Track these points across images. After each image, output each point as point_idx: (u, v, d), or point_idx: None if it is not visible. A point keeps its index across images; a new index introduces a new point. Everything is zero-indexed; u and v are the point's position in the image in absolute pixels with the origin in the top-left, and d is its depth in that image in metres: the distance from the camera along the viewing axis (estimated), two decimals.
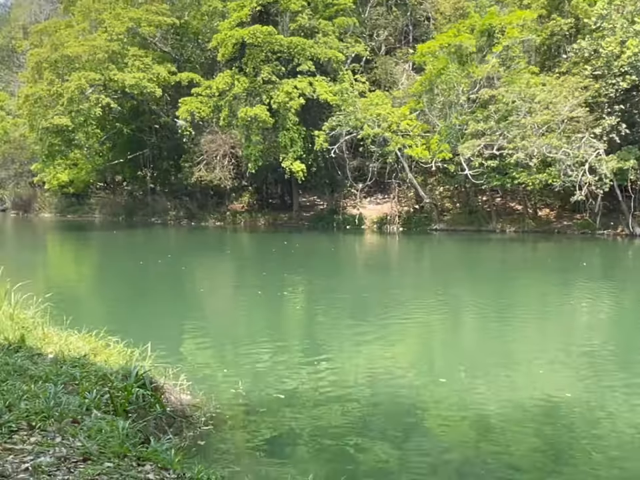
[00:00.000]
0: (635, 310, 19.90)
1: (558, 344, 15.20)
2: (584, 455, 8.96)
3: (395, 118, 43.99)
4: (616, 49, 39.00)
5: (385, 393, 11.34)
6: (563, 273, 27.10)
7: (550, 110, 39.70)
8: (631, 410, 10.54)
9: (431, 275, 28.75)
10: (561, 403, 10.80)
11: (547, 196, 43.73)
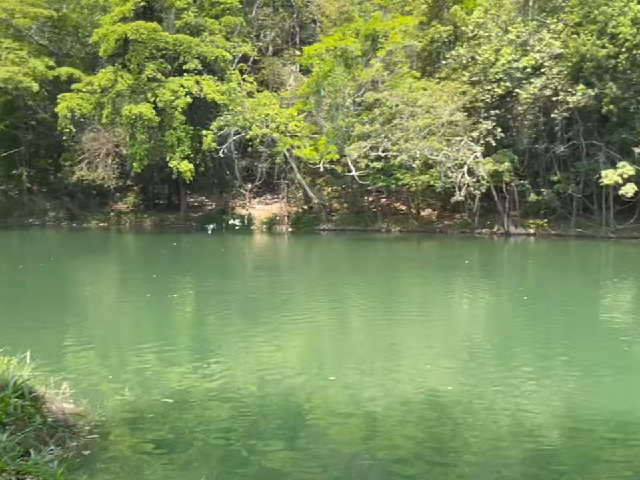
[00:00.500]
0: (511, 305, 21.09)
1: (442, 339, 15.86)
2: (465, 444, 9.41)
3: (283, 119, 44.23)
4: (491, 56, 41.15)
5: (275, 393, 11.39)
6: (447, 271, 28.26)
7: (431, 114, 41.30)
8: (507, 399, 11.17)
9: (319, 275, 29.12)
10: (444, 396, 11.27)
11: (429, 197, 45.45)
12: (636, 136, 37.60)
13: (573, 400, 11.15)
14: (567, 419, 10.20)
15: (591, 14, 38.48)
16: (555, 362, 13.64)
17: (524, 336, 16.21)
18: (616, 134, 38.67)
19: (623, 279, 26.64)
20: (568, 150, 40.46)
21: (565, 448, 9.27)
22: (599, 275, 28.57)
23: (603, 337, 15.93)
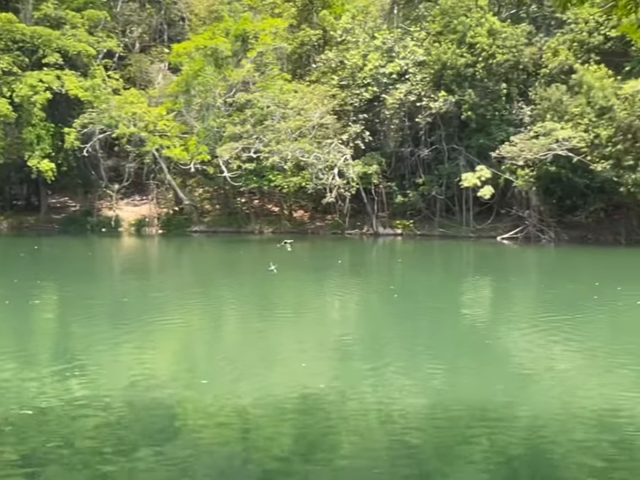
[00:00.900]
0: (382, 303, 21.70)
1: (316, 339, 16.02)
2: (338, 440, 9.54)
3: (151, 117, 43.03)
4: (359, 61, 42.27)
5: (145, 400, 10.98)
6: (319, 271, 28.65)
7: (302, 116, 41.78)
8: (377, 395, 11.45)
9: (192, 277, 28.58)
10: (317, 395, 11.37)
11: (302, 198, 45.92)
12: (492, 141, 39.96)
13: (440, 394, 11.59)
14: (435, 413, 10.57)
15: (451, 24, 40.49)
16: (423, 357, 14.16)
17: (394, 333, 16.74)
18: (474, 139, 40.94)
19: (482, 276, 28.23)
20: (431, 154, 42.33)
21: (432, 441, 9.61)
22: (461, 273, 30.11)
23: (466, 332, 16.75)
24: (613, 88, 36.03)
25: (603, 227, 39.51)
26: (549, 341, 15.54)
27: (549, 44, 40.08)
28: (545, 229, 39.73)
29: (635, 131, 35.15)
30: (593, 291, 22.15)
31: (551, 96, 37.86)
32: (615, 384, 12.03)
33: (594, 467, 8.60)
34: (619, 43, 37.54)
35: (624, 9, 5.95)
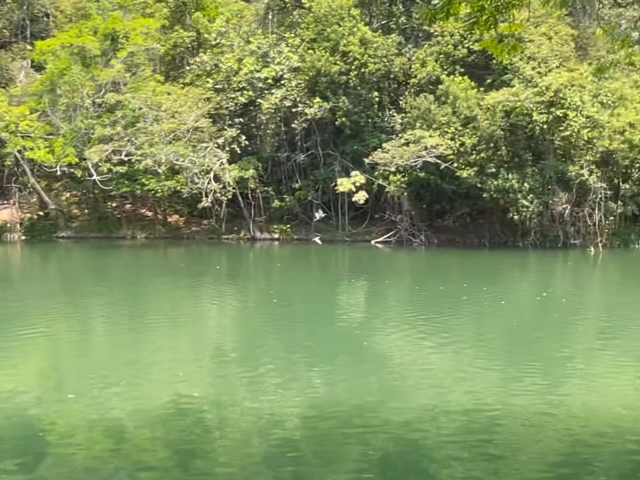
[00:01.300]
0: (260, 308, 21.55)
1: (191, 347, 15.62)
2: (214, 445, 9.32)
3: (12, 117, 40.49)
4: (234, 65, 42.00)
5: (3, 418, 10.19)
6: (196, 277, 28.04)
7: (176, 119, 40.87)
8: (252, 398, 11.30)
9: (58, 286, 27.08)
10: (193, 404, 11.07)
11: (176, 202, 44.84)
12: (366, 147, 40.99)
13: (317, 397, 11.64)
14: (312, 416, 10.59)
15: (324, 32, 41.15)
16: (300, 361, 14.16)
17: (271, 338, 16.64)
18: (349, 145, 41.82)
19: (358, 279, 28.82)
20: (307, 159, 42.78)
21: (310, 444, 9.60)
22: (338, 277, 30.58)
23: (343, 335, 16.96)
24: (476, 99, 38.04)
25: (469, 231, 41.58)
26: (422, 340, 16.06)
27: (417, 55, 41.72)
28: (416, 233, 41.22)
29: (497, 140, 37.27)
30: (462, 292, 23.19)
31: (420, 105, 39.39)
32: (481, 379, 12.59)
33: (461, 457, 8.92)
34: (481, 56, 39.71)
35: (484, 25, 6.26)
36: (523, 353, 14.69)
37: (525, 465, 8.78)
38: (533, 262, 35.89)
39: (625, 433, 9.79)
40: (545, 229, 38.93)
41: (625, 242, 39.58)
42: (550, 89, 35.78)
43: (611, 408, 10.88)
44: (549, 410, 10.71)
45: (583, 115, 36.26)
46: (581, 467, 8.72)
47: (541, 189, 37.49)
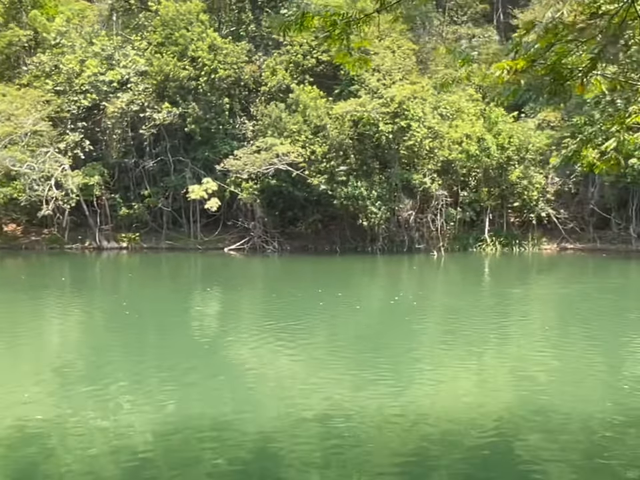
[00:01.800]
0: (109, 321, 20.55)
1: (34, 365, 14.55)
2: (58, 470, 8.73)
3: None
4: (76, 66, 39.99)
5: None
6: (38, 290, 26.23)
7: (12, 122, 38.19)
8: (101, 416, 10.72)
9: None
10: (37, 427, 10.31)
11: (13, 210, 41.76)
12: (217, 154, 40.60)
13: (170, 411, 11.26)
14: (165, 431, 10.22)
15: (172, 36, 40.30)
16: (152, 375, 13.65)
17: (122, 352, 15.91)
18: (200, 152, 41.21)
19: (212, 288, 28.39)
20: (157, 165, 41.62)
21: (162, 459, 9.27)
22: (191, 286, 29.95)
23: (197, 346, 16.57)
24: (325, 108, 38.94)
25: (321, 237, 42.43)
26: (278, 348, 16.07)
27: (267, 63, 42.01)
28: (269, 240, 41.41)
29: (346, 149, 38.37)
30: (318, 298, 23.54)
31: (271, 113, 39.68)
32: (337, 385, 12.80)
33: (317, 463, 9.01)
34: (329, 66, 40.75)
35: (337, 39, 6.39)
36: (377, 357, 15.13)
37: (378, 466, 8.99)
38: (383, 266, 37.28)
39: (472, 428, 10.34)
40: (392, 234, 40.59)
41: (464, 246, 42.22)
42: (394, 100, 37.41)
43: (458, 405, 11.46)
44: (401, 411, 11.08)
45: (425, 126, 38.28)
46: (431, 463, 9.09)
47: (388, 196, 39.07)
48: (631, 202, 42.29)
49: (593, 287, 27.54)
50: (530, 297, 26.00)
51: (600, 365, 14.40)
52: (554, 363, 14.58)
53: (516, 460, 9.20)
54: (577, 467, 8.95)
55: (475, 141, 40.32)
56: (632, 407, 11.32)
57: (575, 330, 18.45)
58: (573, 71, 6.76)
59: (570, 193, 43.76)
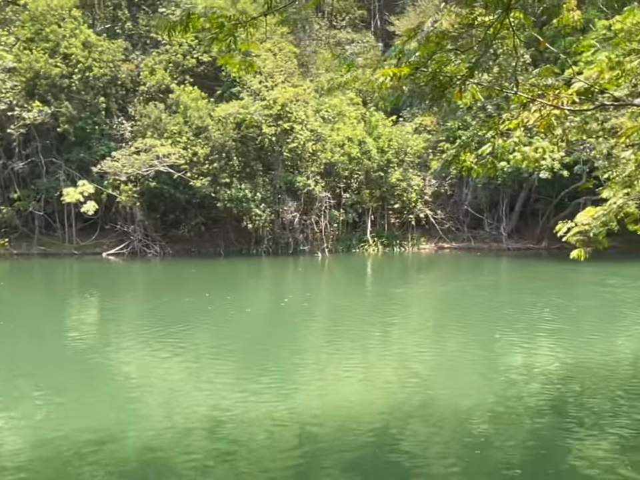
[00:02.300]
0: None
1: None
2: None
3: None
4: None
5: None
6: None
7: None
8: None
9: None
10: None
11: None
12: (93, 156, 39.01)
13: (45, 426, 10.62)
14: (41, 446, 9.65)
15: (42, 31, 38.32)
16: (26, 389, 12.85)
17: None
18: (75, 153, 39.41)
19: (90, 295, 27.20)
20: (27, 167, 39.37)
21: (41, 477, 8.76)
22: (67, 293, 28.53)
23: (76, 356, 15.79)
24: (207, 109, 38.41)
25: (205, 240, 41.80)
26: (165, 355, 15.61)
27: (145, 62, 40.88)
28: (151, 244, 40.30)
29: (229, 151, 38.02)
30: (206, 302, 23.14)
31: (151, 113, 38.64)
32: (225, 391, 12.61)
33: (205, 471, 8.83)
34: (210, 67, 40.25)
35: (224, 41, 6.29)
36: (266, 361, 15.04)
37: (270, 471, 8.94)
38: (268, 268, 37.25)
39: (360, 426, 10.51)
40: (276, 236, 40.67)
41: (348, 247, 43.05)
42: (277, 102, 37.52)
43: (346, 405, 11.61)
44: (290, 414, 11.07)
45: (308, 129, 38.66)
46: (322, 464, 9.14)
47: (272, 198, 39.13)
48: (501, 203, 44.78)
49: (469, 285, 28.89)
50: (411, 296, 26.88)
51: (478, 358, 15.09)
52: (436, 359, 15.12)
53: (402, 455, 9.44)
54: (459, 458, 9.31)
55: (356, 143, 41.23)
56: (508, 396, 11.94)
57: (454, 326, 19.25)
58: (452, 78, 7.01)
59: (446, 194, 45.74)
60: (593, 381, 12.99)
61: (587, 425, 10.47)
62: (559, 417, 11.00)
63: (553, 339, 16.85)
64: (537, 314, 20.49)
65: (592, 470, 8.83)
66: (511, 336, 17.36)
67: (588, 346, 15.79)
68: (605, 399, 11.84)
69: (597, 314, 20.61)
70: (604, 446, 9.59)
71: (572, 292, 26.09)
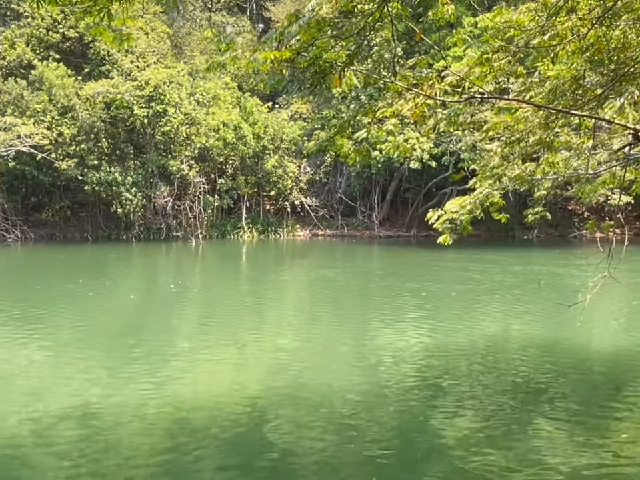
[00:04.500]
0: None
1: None
2: None
3: None
4: None
5: None
6: None
7: None
8: None
9: None
10: None
11: None
12: None
13: None
14: None
15: None
16: None
17: None
18: None
19: None
20: None
21: None
22: None
23: None
24: (74, 87, 36.51)
25: (70, 225, 39.88)
26: (12, 345, 14.72)
27: (5, 35, 38.22)
28: (10, 228, 37.91)
29: (98, 132, 36.39)
30: (84, 289, 22.14)
31: (11, 90, 36.20)
32: (96, 380, 12.12)
33: (70, 468, 8.44)
34: (77, 43, 38.27)
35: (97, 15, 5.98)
36: (135, 350, 14.56)
37: (143, 466, 8.68)
38: (139, 255, 36.08)
39: (233, 413, 10.44)
40: (148, 221, 39.55)
41: (222, 233, 42.63)
42: (149, 84, 36.33)
43: (218, 392, 11.49)
44: (162, 405, 10.80)
45: (182, 112, 37.76)
46: (196, 453, 8.98)
47: (144, 182, 37.96)
48: (373, 191, 46.06)
49: (341, 271, 29.49)
50: (285, 282, 27.04)
51: (350, 343, 15.44)
52: (308, 344, 15.31)
53: (276, 439, 9.47)
54: (331, 442, 9.46)
55: (231, 128, 40.78)
56: (378, 379, 12.31)
57: (326, 312, 19.58)
58: (332, 65, 7.05)
59: (321, 182, 46.41)
60: (455, 361, 13.67)
61: (450, 404, 11.00)
62: (427, 397, 11.49)
63: (420, 323, 17.56)
64: (406, 299, 21.28)
65: (457, 450, 9.27)
66: (381, 321, 17.91)
67: (452, 329, 16.60)
68: (467, 378, 12.49)
69: (462, 298, 21.70)
70: (466, 424, 10.11)
71: (439, 278, 27.30)
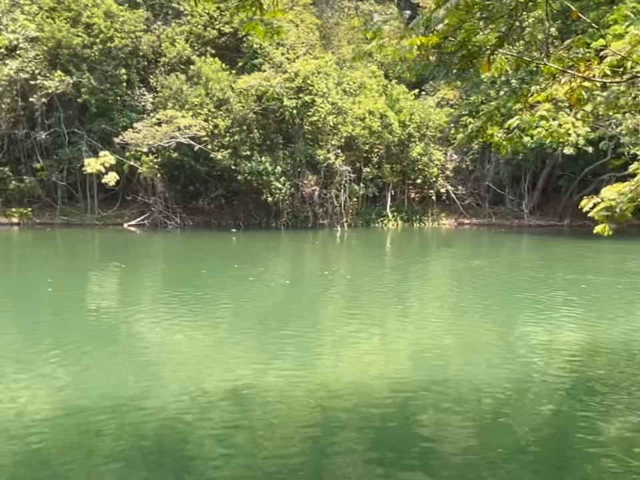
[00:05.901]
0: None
1: None
2: None
3: None
4: None
5: None
6: None
7: None
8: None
9: None
10: None
11: None
12: (115, 127, 39.08)
13: (63, 393, 10.73)
14: (62, 411, 9.77)
15: (65, 0, 38.21)
16: (47, 354, 13.00)
17: (11, 333, 15.08)
18: (96, 123, 39.54)
19: (110, 264, 27.43)
20: (50, 137, 39.61)
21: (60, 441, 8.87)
22: (89, 262, 28.77)
23: (97, 323, 15.94)
24: (228, 81, 38.22)
25: (224, 212, 41.89)
26: (178, 324, 15.71)
27: (166, 33, 40.68)
28: (171, 215, 40.47)
29: (250, 123, 37.88)
30: (244, 273, 23.35)
31: (172, 85, 38.54)
32: (246, 360, 12.68)
33: (222, 440, 8.89)
34: (232, 38, 39.96)
35: (250, 9, 6.20)
36: (284, 331, 15.07)
37: (285, 440, 8.98)
38: (290, 241, 37.21)
39: (376, 399, 10.52)
40: (296, 209, 40.65)
41: (367, 221, 42.94)
42: (298, 75, 37.21)
43: (364, 378, 11.61)
44: (309, 386, 11.09)
45: (329, 102, 38.36)
46: (339, 435, 9.16)
47: (292, 172, 39.02)
48: (523, 179, 44.29)
49: (489, 261, 28.68)
50: (431, 271, 26.76)
51: (499, 334, 15.01)
52: (456, 335, 15.06)
53: (420, 430, 9.43)
54: (477, 437, 9.29)
55: (377, 117, 40.85)
56: (528, 373, 11.88)
57: (474, 303, 19.15)
58: (481, 48, 6.85)
59: (467, 170, 45.32)
60: (614, 359, 12.88)
61: (608, 403, 10.39)
62: (582, 396, 10.92)
63: (574, 317, 16.71)
64: (561, 292, 20.32)
65: (615, 450, 8.75)
66: (532, 313, 17.24)
67: (610, 325, 15.64)
68: (628, 376, 11.73)
69: (621, 293, 20.37)
70: (628, 425, 9.51)
71: (598, 270, 25.79)
